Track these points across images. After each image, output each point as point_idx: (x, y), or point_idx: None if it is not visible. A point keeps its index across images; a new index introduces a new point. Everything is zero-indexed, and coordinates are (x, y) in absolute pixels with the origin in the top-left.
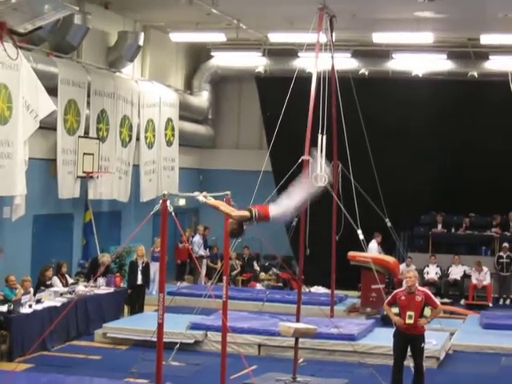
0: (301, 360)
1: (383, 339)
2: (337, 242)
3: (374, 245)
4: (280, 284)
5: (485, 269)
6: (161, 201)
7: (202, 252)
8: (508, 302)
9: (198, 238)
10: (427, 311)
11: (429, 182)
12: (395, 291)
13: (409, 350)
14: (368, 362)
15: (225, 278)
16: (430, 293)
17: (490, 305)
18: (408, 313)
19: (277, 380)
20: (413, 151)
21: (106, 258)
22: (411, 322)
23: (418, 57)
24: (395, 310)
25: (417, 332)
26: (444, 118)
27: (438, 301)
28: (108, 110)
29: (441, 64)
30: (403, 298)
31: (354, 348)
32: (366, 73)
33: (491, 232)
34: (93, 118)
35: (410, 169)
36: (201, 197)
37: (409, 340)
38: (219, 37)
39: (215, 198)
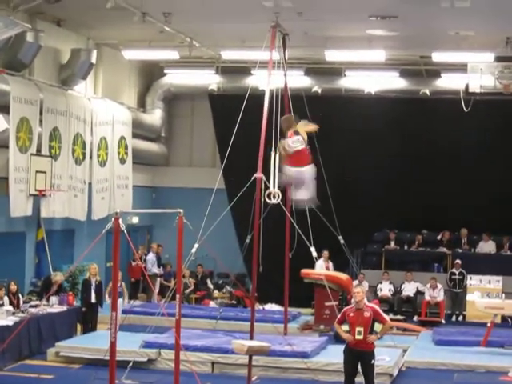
0: (254, 378)
1: (336, 356)
2: (290, 260)
3: (321, 262)
4: (233, 302)
5: (439, 285)
6: (113, 219)
7: (155, 270)
8: (460, 318)
9: (151, 256)
10: (378, 327)
11: (380, 199)
12: (344, 309)
13: (359, 366)
14: (321, 380)
15: (178, 296)
16: (378, 309)
17: (443, 321)
18: (357, 329)
19: None
20: (364, 168)
21: (58, 277)
22: (361, 337)
23: (371, 74)
24: (346, 327)
25: (367, 348)
26: (395, 134)
27: (387, 317)
28: (60, 128)
29: (393, 82)
30: (352, 314)
31: (308, 365)
32: (319, 90)
33: (442, 249)
34: (45, 135)
35: (362, 186)
36: None
37: (359, 356)
38: (172, 54)
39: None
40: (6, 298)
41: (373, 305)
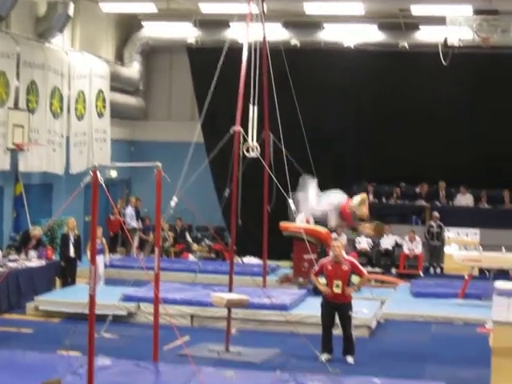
0: (233, 330)
1: (315, 309)
2: (269, 213)
3: (301, 216)
4: (212, 255)
5: (417, 238)
6: (91, 172)
7: (134, 224)
8: (438, 270)
9: (130, 210)
10: (355, 279)
11: (359, 152)
12: (322, 261)
13: (337, 318)
14: (300, 332)
15: (157, 249)
16: (356, 262)
17: (421, 274)
18: (335, 282)
19: (210, 350)
20: (343, 122)
21: (37, 231)
22: (339, 291)
23: (350, 27)
24: (323, 280)
25: (344, 301)
26: (374, 88)
27: (364, 270)
28: (38, 82)
29: (372, 35)
30: (330, 267)
31: (287, 318)
32: (298, 43)
33: (421, 202)
34: (22, 89)
35: (341, 140)
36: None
37: (336, 309)
38: (150, 7)
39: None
40: None
41: (350, 258)
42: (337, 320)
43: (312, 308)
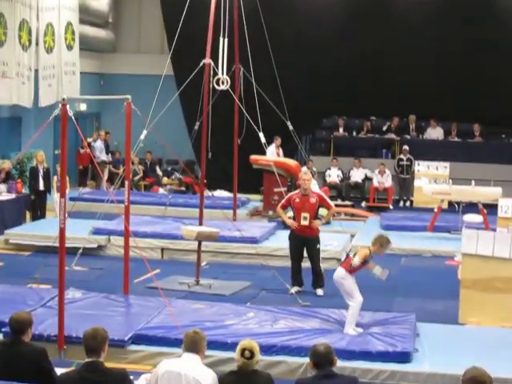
0: (204, 263)
1: (285, 242)
2: (239, 146)
3: (272, 148)
4: (183, 188)
5: (387, 171)
6: (60, 105)
7: (103, 157)
8: (408, 203)
9: (99, 144)
10: (323, 212)
11: (330, 85)
12: (289, 194)
13: (305, 251)
14: (270, 264)
15: (126, 182)
16: (323, 195)
17: (391, 207)
18: (303, 214)
19: (180, 283)
20: (313, 52)
21: (6, 165)
22: (306, 223)
23: None
24: (290, 213)
25: (311, 234)
26: (348, 19)
27: (331, 203)
28: (6, 14)
29: None
30: (297, 200)
31: (257, 250)
32: None
33: (391, 135)
34: None
35: (312, 72)
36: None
37: (304, 241)
38: None
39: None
40: None
41: (319, 191)
42: (305, 253)
43: (282, 241)
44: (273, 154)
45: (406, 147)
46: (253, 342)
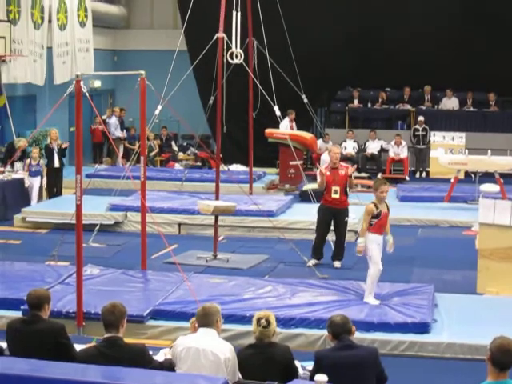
0: (221, 237)
1: (302, 215)
2: (254, 120)
3: (286, 122)
4: (198, 163)
5: (403, 142)
6: (74, 82)
7: (118, 133)
8: (424, 174)
9: (113, 120)
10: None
11: (345, 57)
12: (320, 168)
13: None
14: (287, 237)
15: (142, 158)
16: (348, 164)
17: (407, 178)
18: (333, 188)
19: (198, 258)
20: (328, 26)
21: (22, 143)
22: (337, 196)
23: None
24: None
25: (342, 206)
26: None
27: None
28: None
29: None
30: (328, 173)
31: (274, 224)
32: None
33: (406, 106)
34: (2, 0)
35: (325, 44)
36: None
37: (334, 214)
38: None
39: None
40: None
41: (345, 163)
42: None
43: (298, 214)
44: (286, 128)
45: (421, 118)
46: (268, 311)
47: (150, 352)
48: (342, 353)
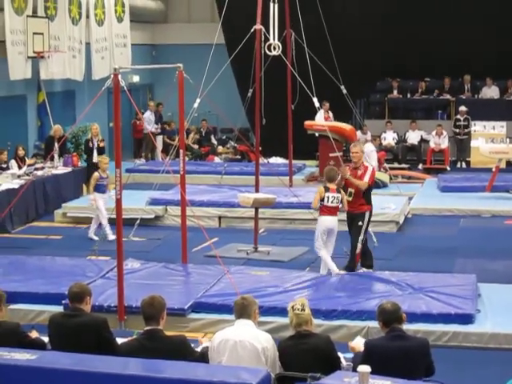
0: (261, 230)
1: None
2: (293, 112)
3: (321, 114)
4: (238, 156)
5: (444, 132)
6: (112, 75)
7: (152, 128)
8: (464, 164)
9: (148, 114)
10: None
11: (383, 47)
12: (346, 165)
13: None
14: None
15: (181, 151)
16: (370, 168)
17: (448, 168)
18: (349, 190)
19: (238, 251)
20: (364, 16)
21: (58, 129)
22: (350, 199)
23: None
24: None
25: (354, 210)
26: None
27: (367, 178)
28: None
29: None
30: (349, 172)
31: (314, 216)
32: None
33: (446, 96)
34: None
35: (364, 35)
36: None
37: (349, 218)
38: None
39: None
40: (12, 162)
41: (368, 165)
42: None
43: None
44: (321, 119)
45: (462, 108)
46: (301, 298)
47: (192, 345)
48: (393, 343)
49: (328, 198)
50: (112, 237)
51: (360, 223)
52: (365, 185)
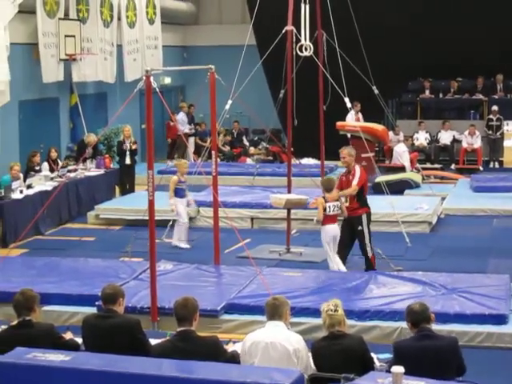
0: (294, 231)
1: (375, 207)
2: (325, 112)
3: (351, 114)
4: (270, 158)
5: (477, 132)
6: (144, 77)
7: (186, 130)
8: (497, 164)
9: (181, 116)
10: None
11: (415, 47)
12: (340, 175)
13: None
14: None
15: (213, 152)
16: (358, 170)
17: (481, 168)
18: None
19: (271, 252)
20: (399, 17)
21: (91, 138)
22: (347, 204)
23: None
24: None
25: (353, 214)
26: None
27: (356, 182)
28: None
29: None
30: (344, 178)
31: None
32: None
33: (479, 96)
34: None
35: (396, 35)
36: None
37: (348, 222)
38: None
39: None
40: (45, 164)
41: (357, 167)
42: None
43: (372, 206)
44: (352, 120)
45: (495, 107)
46: (335, 299)
47: (224, 345)
48: (421, 343)
49: (329, 207)
50: (184, 245)
51: (360, 228)
52: (354, 189)
